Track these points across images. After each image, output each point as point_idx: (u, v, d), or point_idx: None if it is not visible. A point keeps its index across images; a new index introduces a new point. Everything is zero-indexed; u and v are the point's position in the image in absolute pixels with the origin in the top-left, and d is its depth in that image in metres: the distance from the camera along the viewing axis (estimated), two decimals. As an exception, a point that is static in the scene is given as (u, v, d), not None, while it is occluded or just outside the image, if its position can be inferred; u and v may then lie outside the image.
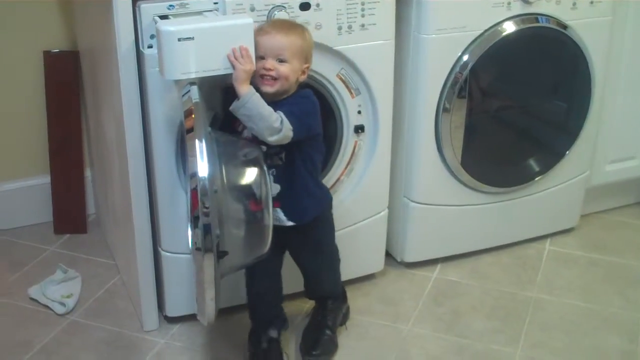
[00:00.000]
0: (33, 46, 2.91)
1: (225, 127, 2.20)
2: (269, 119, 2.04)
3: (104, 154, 2.74)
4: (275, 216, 2.18)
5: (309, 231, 2.30)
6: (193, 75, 2.04)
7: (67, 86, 2.95)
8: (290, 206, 2.22)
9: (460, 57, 2.56)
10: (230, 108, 2.07)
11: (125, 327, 2.53)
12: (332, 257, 2.43)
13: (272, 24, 2.15)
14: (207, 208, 1.93)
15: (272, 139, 2.07)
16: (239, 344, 2.43)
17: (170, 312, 2.52)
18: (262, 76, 2.10)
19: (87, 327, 2.53)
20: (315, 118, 2.19)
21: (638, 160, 3.13)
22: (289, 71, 2.10)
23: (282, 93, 2.13)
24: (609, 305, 2.69)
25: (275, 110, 2.07)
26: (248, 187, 2.11)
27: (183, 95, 2.05)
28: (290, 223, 2.23)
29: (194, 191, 1.94)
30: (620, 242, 3.07)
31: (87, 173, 3.10)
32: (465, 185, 2.77)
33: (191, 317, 2.35)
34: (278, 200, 2.19)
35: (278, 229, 2.17)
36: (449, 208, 2.80)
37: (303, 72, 2.16)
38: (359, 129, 2.50)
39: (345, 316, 2.54)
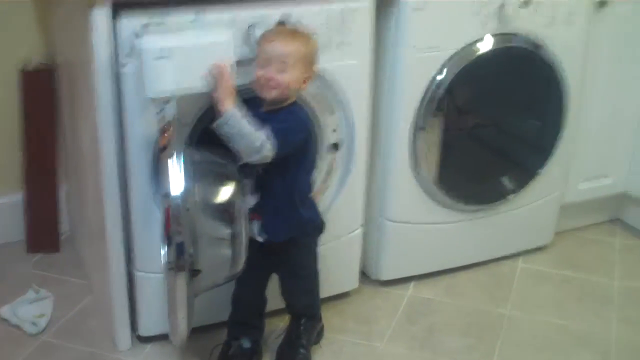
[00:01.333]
0: (9, 60, 2.88)
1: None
2: (249, 138, 2.03)
3: (79, 170, 2.72)
4: (250, 229, 2.17)
5: (283, 252, 2.29)
6: (170, 94, 2.03)
7: (44, 101, 2.91)
8: (265, 221, 2.22)
9: (435, 76, 2.57)
10: (213, 126, 2.07)
11: (97, 347, 2.50)
12: (308, 281, 2.41)
13: (276, 32, 2.15)
14: (179, 227, 1.92)
15: (251, 159, 2.06)
16: (213, 364, 2.42)
17: (144, 331, 2.50)
18: (262, 84, 2.10)
19: (59, 347, 2.50)
20: (300, 136, 2.16)
21: (611, 179, 3.17)
22: (289, 80, 2.09)
23: (282, 100, 2.13)
24: (582, 322, 2.70)
25: (265, 123, 2.06)
26: (222, 205, 2.11)
27: (158, 113, 2.05)
28: (260, 239, 2.22)
29: (167, 209, 1.93)
30: (594, 259, 3.09)
31: (62, 190, 3.07)
32: (440, 203, 2.78)
33: (164, 337, 2.32)
34: (256, 213, 2.18)
35: (257, 243, 2.17)
36: (423, 226, 2.80)
37: (305, 81, 2.16)
38: (335, 146, 2.49)
39: (320, 334, 2.53)
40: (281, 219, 2.23)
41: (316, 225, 2.35)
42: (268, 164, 2.12)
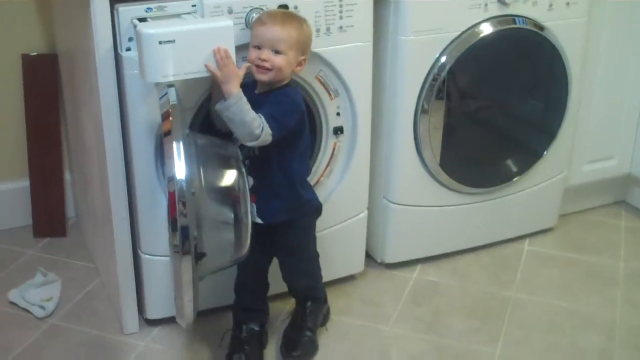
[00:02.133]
0: (11, 49, 2.90)
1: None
2: (250, 125, 2.05)
3: (83, 156, 2.73)
4: (252, 211, 2.19)
5: (280, 233, 2.30)
6: (172, 78, 2.04)
7: (46, 89, 2.94)
8: (261, 203, 2.23)
9: (438, 59, 2.57)
10: (216, 107, 2.09)
11: (105, 330, 2.52)
12: (307, 263, 2.42)
13: (269, 15, 2.15)
14: (184, 210, 1.93)
15: (251, 144, 2.09)
16: (219, 346, 2.44)
17: (151, 314, 2.52)
18: (257, 66, 2.12)
19: (67, 330, 2.52)
20: (294, 117, 2.18)
21: (616, 160, 3.16)
22: (284, 63, 2.11)
23: (275, 82, 2.15)
24: (587, 304, 2.71)
25: (258, 105, 2.08)
26: (226, 188, 2.12)
27: (161, 98, 2.06)
28: (259, 220, 2.23)
29: (171, 194, 1.94)
30: (599, 241, 3.09)
31: (67, 176, 3.09)
32: (444, 186, 2.78)
33: (171, 320, 2.33)
34: (253, 195, 2.19)
35: (256, 226, 2.18)
36: (428, 209, 2.81)
37: (299, 64, 2.18)
38: (338, 130, 2.50)
39: (326, 317, 2.54)
40: (277, 201, 2.24)
41: (315, 206, 2.36)
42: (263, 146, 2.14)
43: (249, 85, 2.16)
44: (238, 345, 2.36)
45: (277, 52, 2.10)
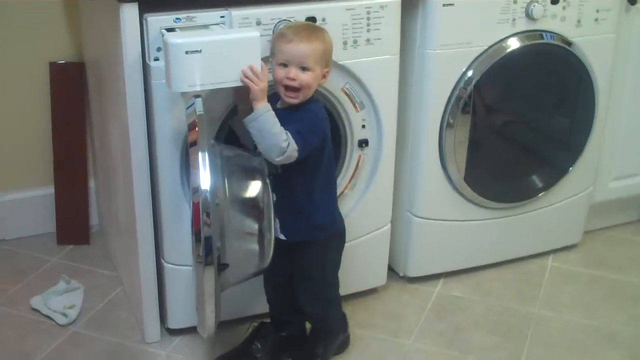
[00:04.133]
0: (39, 57, 2.93)
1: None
2: (278, 137, 2.03)
3: (108, 165, 2.75)
4: (275, 227, 2.18)
5: (299, 251, 2.26)
6: (199, 88, 2.05)
7: (73, 97, 2.96)
8: (284, 220, 2.20)
9: (464, 73, 2.57)
10: (244, 120, 2.08)
11: (127, 339, 2.53)
12: (321, 288, 2.35)
13: (294, 31, 2.11)
14: (208, 221, 1.94)
15: (277, 159, 2.05)
16: (241, 357, 2.44)
17: (172, 324, 2.52)
18: (285, 86, 2.09)
19: (89, 338, 2.53)
20: (319, 135, 2.15)
21: (641, 177, 3.14)
22: (312, 79, 2.09)
23: (302, 100, 2.13)
24: (611, 322, 2.68)
25: (283, 122, 2.06)
26: (250, 200, 2.12)
27: (187, 108, 2.06)
28: (282, 236, 2.21)
29: (195, 204, 1.95)
30: (624, 259, 3.07)
31: (91, 184, 3.11)
32: (469, 200, 2.77)
33: (193, 330, 2.34)
34: (277, 211, 2.17)
35: (278, 241, 2.18)
36: (452, 223, 2.80)
37: (323, 76, 2.15)
38: (363, 143, 2.50)
39: (342, 346, 2.48)
40: (300, 219, 2.21)
41: (338, 230, 2.32)
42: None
43: (269, 99, 2.14)
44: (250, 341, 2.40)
45: (304, 68, 2.07)
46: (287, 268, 2.32)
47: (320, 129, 2.16)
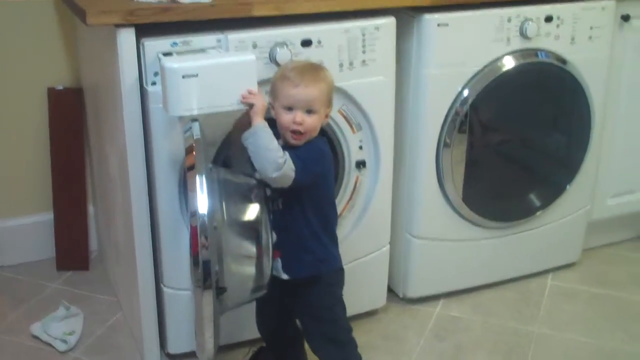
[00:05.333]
0: (37, 83, 2.94)
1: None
2: (274, 153, 2.00)
3: (107, 190, 2.75)
4: (275, 266, 2.14)
5: (304, 290, 2.19)
6: (196, 112, 2.05)
7: (71, 122, 2.97)
8: (287, 258, 2.15)
9: (460, 93, 2.58)
10: (242, 136, 2.05)
11: (126, 364, 2.53)
12: (332, 328, 2.25)
13: (298, 73, 2.06)
14: (206, 244, 1.93)
15: (274, 175, 2.00)
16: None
17: (172, 349, 2.51)
18: (292, 131, 2.05)
19: (89, 364, 2.53)
20: (320, 165, 2.11)
21: (639, 194, 3.14)
22: (317, 122, 2.07)
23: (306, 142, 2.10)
24: (611, 340, 2.68)
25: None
26: (248, 224, 2.11)
27: (185, 132, 2.07)
28: (285, 276, 2.16)
29: (193, 228, 1.94)
30: (623, 276, 3.07)
31: (90, 209, 3.11)
32: (467, 220, 2.78)
33: (193, 354, 2.33)
34: (277, 250, 2.14)
35: (280, 282, 2.15)
36: (450, 243, 2.80)
37: (326, 116, 2.12)
38: (361, 164, 2.51)
39: None
40: (304, 254, 2.16)
41: (340, 266, 2.24)
42: (288, 197, 2.10)
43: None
44: None
45: (309, 111, 2.04)
46: (287, 309, 2.27)
47: (322, 160, 2.12)
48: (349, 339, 2.27)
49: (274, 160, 2.01)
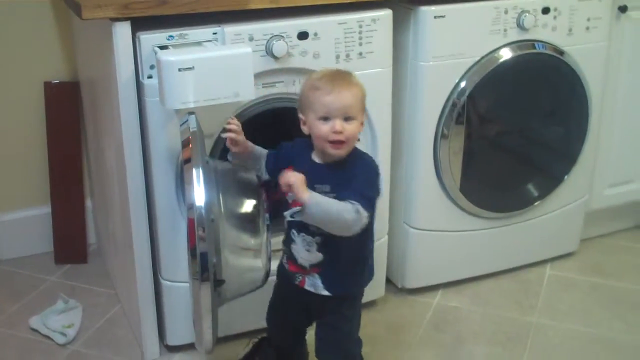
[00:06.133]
0: (33, 77, 2.94)
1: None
2: (346, 212, 1.87)
3: (104, 183, 2.75)
4: (312, 282, 2.09)
5: (333, 301, 2.10)
6: (192, 105, 2.05)
7: (68, 116, 2.97)
8: (332, 277, 2.06)
9: (457, 84, 2.58)
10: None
11: (126, 357, 2.52)
12: (346, 340, 2.19)
13: (329, 81, 1.96)
14: (204, 237, 1.94)
15: (359, 229, 1.90)
16: (240, 372, 2.44)
17: (171, 340, 2.52)
18: (331, 141, 1.94)
19: (88, 357, 2.52)
20: (378, 187, 2.01)
21: (637, 184, 3.15)
22: (357, 129, 1.96)
23: (347, 153, 1.99)
24: (609, 329, 2.68)
25: (333, 180, 1.96)
26: (246, 216, 2.11)
27: (181, 125, 2.06)
28: (327, 293, 2.08)
29: (190, 220, 1.94)
30: (621, 266, 3.07)
31: (88, 203, 3.11)
32: (465, 210, 2.78)
33: (192, 346, 2.34)
34: (318, 267, 2.05)
35: (302, 291, 2.11)
36: (448, 234, 2.81)
37: (362, 124, 2.01)
38: (358, 156, 2.51)
39: None
40: (349, 276, 2.10)
41: (370, 279, 2.20)
42: None
43: (297, 148, 2.04)
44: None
45: (347, 118, 1.94)
46: (305, 317, 2.22)
47: (378, 180, 2.02)
48: (358, 353, 2.24)
49: (344, 224, 1.89)
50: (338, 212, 1.88)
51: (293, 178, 1.89)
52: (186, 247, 2.03)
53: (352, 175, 1.96)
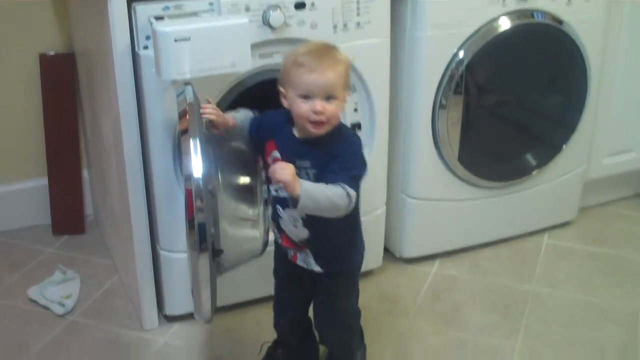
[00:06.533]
0: (29, 49, 2.92)
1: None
2: (336, 197, 1.84)
3: (101, 155, 2.74)
4: (304, 258, 2.06)
5: (327, 279, 2.08)
6: (189, 76, 2.04)
7: (64, 88, 2.96)
8: (323, 253, 2.03)
9: (456, 54, 2.56)
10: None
11: (124, 327, 2.53)
12: (345, 316, 2.17)
13: (313, 58, 1.87)
14: (201, 207, 1.93)
15: (341, 215, 1.89)
16: (238, 342, 2.45)
17: (170, 310, 2.53)
18: (312, 121, 1.88)
19: (86, 327, 2.54)
20: (364, 162, 1.97)
21: (635, 153, 3.14)
22: (338, 108, 1.89)
23: (328, 131, 1.92)
24: (607, 297, 2.69)
25: (314, 156, 1.91)
26: (243, 186, 2.11)
27: (178, 96, 2.05)
28: (319, 269, 2.05)
29: (188, 191, 1.94)
30: (619, 234, 3.08)
31: (85, 174, 3.11)
32: (463, 180, 2.78)
33: (191, 316, 2.34)
34: (307, 243, 2.02)
35: (296, 267, 2.09)
36: (446, 203, 2.81)
37: (345, 98, 1.94)
38: (356, 126, 2.50)
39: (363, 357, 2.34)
40: (342, 251, 2.08)
41: (362, 259, 2.16)
42: None
43: (280, 119, 1.97)
44: None
45: (329, 97, 1.87)
46: (306, 293, 2.18)
47: (362, 156, 1.97)
48: (357, 325, 2.23)
49: (337, 208, 1.87)
50: (330, 200, 1.85)
51: (284, 176, 1.82)
52: (184, 218, 2.03)
53: (335, 152, 1.91)
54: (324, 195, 1.84)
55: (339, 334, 2.21)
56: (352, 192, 1.87)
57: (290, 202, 1.89)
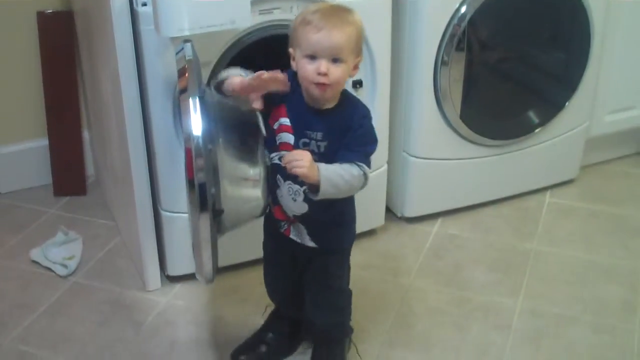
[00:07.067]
0: (26, 7, 2.89)
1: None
2: (350, 188, 1.86)
3: (101, 114, 2.73)
4: (297, 232, 2.02)
5: (321, 257, 2.06)
6: (188, 32, 2.02)
7: (62, 47, 2.93)
8: (318, 227, 2.00)
9: (458, 9, 2.54)
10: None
11: (127, 287, 2.54)
12: (337, 296, 2.15)
13: (322, 16, 1.81)
14: (202, 167, 1.92)
15: (365, 187, 1.90)
16: (241, 302, 2.45)
17: (172, 271, 2.53)
18: (316, 83, 1.82)
19: (89, 288, 2.54)
20: (376, 137, 1.94)
21: (638, 110, 3.13)
22: (345, 73, 1.83)
23: (332, 97, 1.89)
24: (609, 255, 2.69)
25: (329, 133, 1.89)
26: (244, 146, 2.09)
27: (177, 53, 2.03)
28: (313, 244, 2.02)
29: (188, 150, 1.92)
30: (621, 192, 3.07)
31: (85, 134, 3.10)
32: (465, 138, 2.76)
33: (193, 276, 2.32)
34: (302, 217, 1.98)
35: (288, 240, 2.06)
36: (448, 162, 2.80)
37: (355, 67, 1.89)
38: (357, 83, 2.48)
39: (349, 346, 2.29)
40: (339, 229, 2.05)
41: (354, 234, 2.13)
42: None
43: (292, 84, 1.90)
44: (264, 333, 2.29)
45: (335, 60, 1.81)
46: (297, 271, 2.14)
47: (374, 131, 1.94)
48: (347, 305, 2.20)
49: (358, 185, 1.88)
50: (349, 183, 1.85)
51: (300, 170, 1.80)
52: (185, 177, 2.02)
53: (348, 123, 1.89)
54: (343, 180, 1.84)
55: (330, 315, 2.16)
56: (368, 171, 1.87)
57: (308, 191, 1.87)
